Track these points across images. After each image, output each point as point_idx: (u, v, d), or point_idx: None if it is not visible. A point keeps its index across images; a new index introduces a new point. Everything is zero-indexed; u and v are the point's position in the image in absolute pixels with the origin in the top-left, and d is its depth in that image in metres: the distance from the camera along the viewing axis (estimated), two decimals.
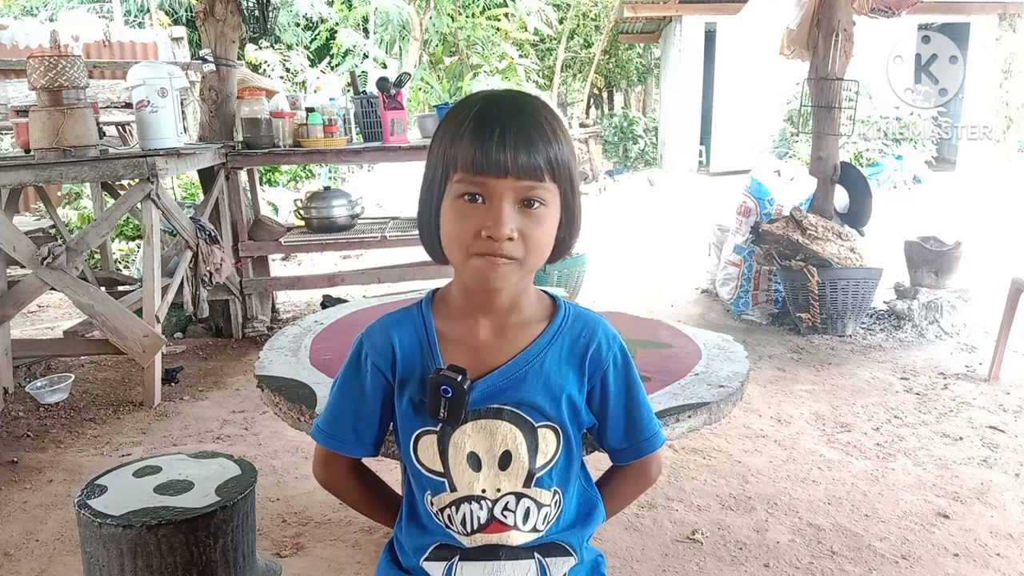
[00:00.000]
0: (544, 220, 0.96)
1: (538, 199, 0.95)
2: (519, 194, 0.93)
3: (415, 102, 11.96)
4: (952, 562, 2.20)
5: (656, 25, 14.19)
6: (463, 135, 0.93)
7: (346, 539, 2.31)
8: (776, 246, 4.38)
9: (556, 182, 0.96)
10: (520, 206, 0.94)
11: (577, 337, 1.04)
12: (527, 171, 0.92)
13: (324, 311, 2.31)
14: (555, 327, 1.04)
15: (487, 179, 0.92)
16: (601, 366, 1.04)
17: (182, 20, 13.09)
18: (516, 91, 1.01)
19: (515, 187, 0.93)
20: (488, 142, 0.92)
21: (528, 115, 0.95)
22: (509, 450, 1.01)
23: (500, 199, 0.93)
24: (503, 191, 0.93)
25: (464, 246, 0.94)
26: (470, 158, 0.92)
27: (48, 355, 3.84)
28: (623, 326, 2.15)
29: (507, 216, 0.93)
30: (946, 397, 3.43)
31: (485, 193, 0.93)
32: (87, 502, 1.62)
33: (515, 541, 1.03)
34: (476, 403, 1.00)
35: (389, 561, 1.12)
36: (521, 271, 0.96)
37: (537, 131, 0.94)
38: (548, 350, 1.03)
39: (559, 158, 0.95)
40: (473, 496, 1.01)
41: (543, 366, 1.02)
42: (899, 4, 4.58)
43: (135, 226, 6.23)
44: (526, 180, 0.93)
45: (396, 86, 4.24)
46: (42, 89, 3.21)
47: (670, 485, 2.64)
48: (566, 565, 1.07)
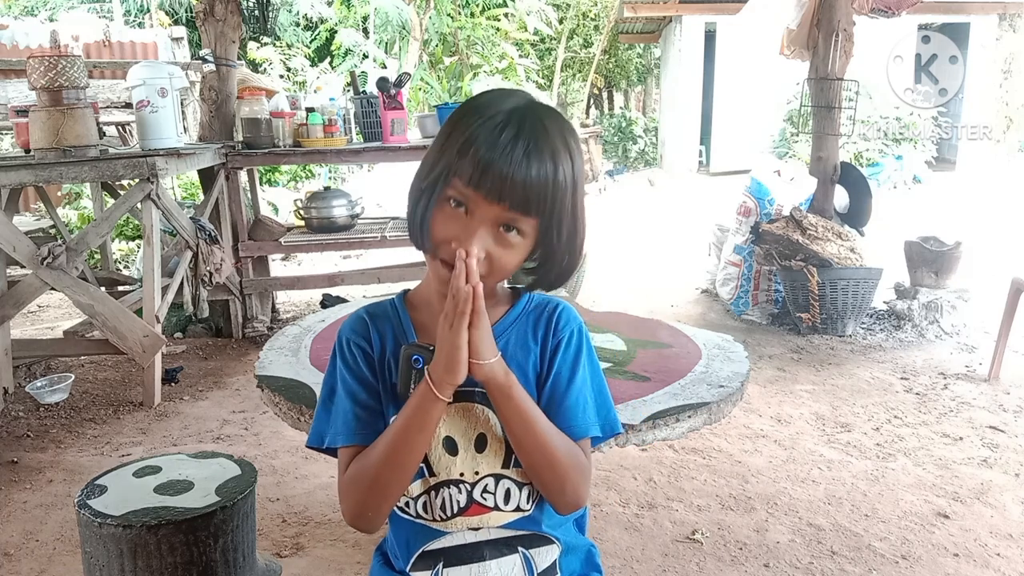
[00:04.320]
0: (516, 249, 0.98)
1: (516, 228, 0.96)
2: (500, 219, 0.95)
3: (415, 102, 11.95)
4: (952, 562, 2.20)
5: (656, 25, 14.19)
6: (475, 149, 0.93)
7: (346, 539, 2.31)
8: (776, 246, 4.38)
9: (541, 217, 0.96)
10: (498, 229, 0.96)
11: (540, 314, 1.07)
12: (520, 205, 0.94)
13: (324, 311, 2.31)
14: (519, 308, 1.07)
15: (474, 194, 0.93)
16: (557, 337, 1.05)
17: (182, 20, 13.09)
18: (539, 107, 0.98)
19: (498, 212, 0.94)
20: (495, 167, 0.92)
21: (543, 142, 0.94)
22: (484, 432, 1.03)
23: (480, 219, 0.94)
24: (486, 212, 0.94)
25: (435, 245, 0.98)
26: (471, 175, 0.93)
27: (48, 355, 3.84)
28: (623, 326, 2.15)
29: (479, 237, 0.94)
30: (946, 397, 3.43)
31: (470, 207, 0.95)
32: (87, 502, 1.62)
33: (497, 522, 1.04)
34: None
35: (382, 565, 1.13)
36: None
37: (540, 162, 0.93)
38: (513, 327, 1.06)
39: (551, 197, 0.95)
40: (451, 480, 1.03)
41: (508, 343, 1.04)
42: (899, 4, 4.58)
43: (135, 226, 6.23)
44: (515, 212, 0.94)
45: (396, 86, 4.24)
46: (42, 89, 3.21)
47: (670, 485, 2.64)
48: (550, 555, 1.08)
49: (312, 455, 2.86)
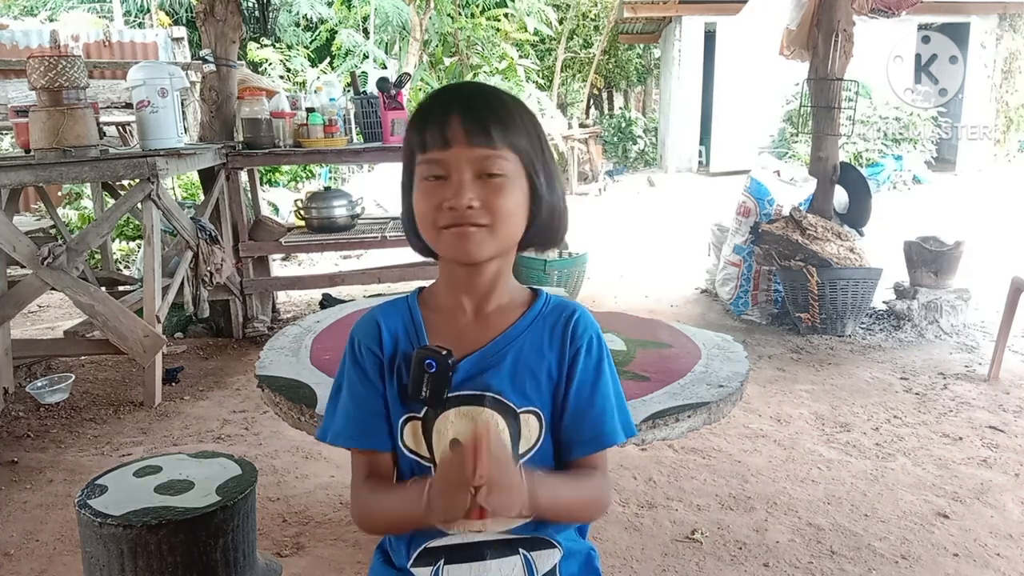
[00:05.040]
0: (505, 189, 0.97)
1: (496, 170, 0.96)
2: (476, 165, 0.96)
3: (415, 102, 11.95)
4: (952, 562, 2.20)
5: (656, 25, 14.18)
6: (416, 118, 0.99)
7: (346, 539, 2.32)
8: (776, 246, 4.38)
9: (514, 152, 0.98)
10: (480, 178, 0.96)
11: (557, 320, 1.06)
12: (477, 138, 0.95)
13: (324, 311, 2.32)
14: (536, 310, 1.06)
15: (439, 154, 0.96)
16: (576, 344, 1.05)
17: (182, 20, 13.10)
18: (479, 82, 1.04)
19: (469, 157, 0.95)
20: (436, 117, 0.96)
21: (476, 90, 1.00)
22: None
23: (459, 172, 0.95)
24: (459, 163, 0.95)
25: (432, 221, 0.98)
26: (423, 137, 0.97)
27: (48, 355, 3.84)
28: (623, 326, 2.15)
29: (466, 186, 0.95)
30: (946, 397, 3.43)
31: (444, 169, 0.96)
32: (87, 502, 1.62)
33: (498, 527, 1.03)
34: (458, 385, 1.01)
35: (383, 562, 1.13)
36: (494, 239, 0.98)
37: (483, 102, 0.98)
38: (528, 332, 1.05)
39: (512, 128, 0.97)
40: None
41: (523, 346, 1.03)
42: (899, 4, 4.59)
43: (135, 226, 6.23)
44: (479, 148, 0.95)
45: (396, 86, 4.24)
46: (42, 89, 3.21)
47: (670, 485, 2.64)
48: (552, 558, 1.07)
49: (312, 454, 2.87)
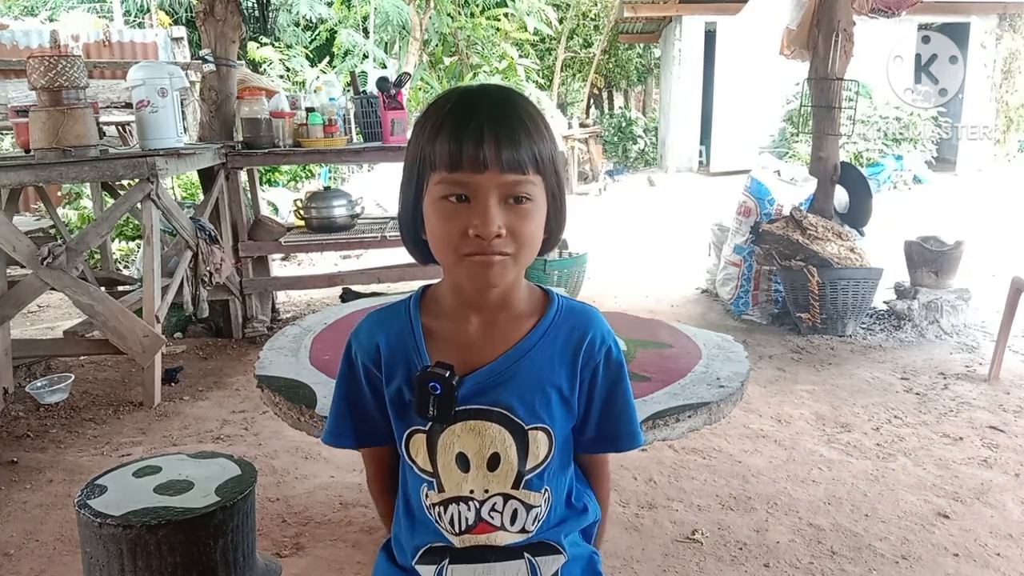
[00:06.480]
0: (532, 215, 0.93)
1: (524, 194, 0.92)
2: (504, 190, 0.91)
3: (415, 102, 11.94)
4: (952, 562, 2.20)
5: (656, 25, 14.18)
6: (441, 131, 0.91)
7: (346, 539, 2.31)
8: (776, 246, 4.38)
9: (541, 175, 0.93)
10: (507, 203, 0.91)
11: (571, 331, 1.01)
12: (511, 165, 0.90)
13: (324, 311, 2.32)
14: (547, 322, 1.01)
15: (469, 176, 0.89)
16: (593, 360, 1.02)
17: (182, 20, 13.10)
18: (495, 85, 0.98)
19: (499, 183, 0.90)
20: (467, 137, 0.89)
21: (508, 107, 0.93)
22: (498, 452, 0.99)
23: (485, 196, 0.90)
24: (487, 188, 0.90)
25: (453, 247, 0.92)
26: (449, 155, 0.89)
27: (48, 355, 3.84)
28: (623, 326, 2.15)
29: (494, 214, 0.90)
30: (946, 397, 3.43)
31: (469, 192, 0.90)
32: (87, 502, 1.62)
33: (502, 542, 1.02)
34: (465, 400, 0.98)
35: (387, 560, 1.12)
36: (516, 266, 0.95)
37: (518, 123, 0.92)
38: (539, 345, 1.00)
39: (543, 150, 0.93)
40: (461, 497, 1.01)
41: (534, 362, 0.99)
42: (899, 4, 4.58)
43: (135, 226, 6.23)
44: (510, 175, 0.90)
45: (396, 86, 4.24)
46: (42, 89, 3.21)
47: (670, 485, 2.64)
48: (556, 563, 1.06)
49: (312, 455, 2.87)
